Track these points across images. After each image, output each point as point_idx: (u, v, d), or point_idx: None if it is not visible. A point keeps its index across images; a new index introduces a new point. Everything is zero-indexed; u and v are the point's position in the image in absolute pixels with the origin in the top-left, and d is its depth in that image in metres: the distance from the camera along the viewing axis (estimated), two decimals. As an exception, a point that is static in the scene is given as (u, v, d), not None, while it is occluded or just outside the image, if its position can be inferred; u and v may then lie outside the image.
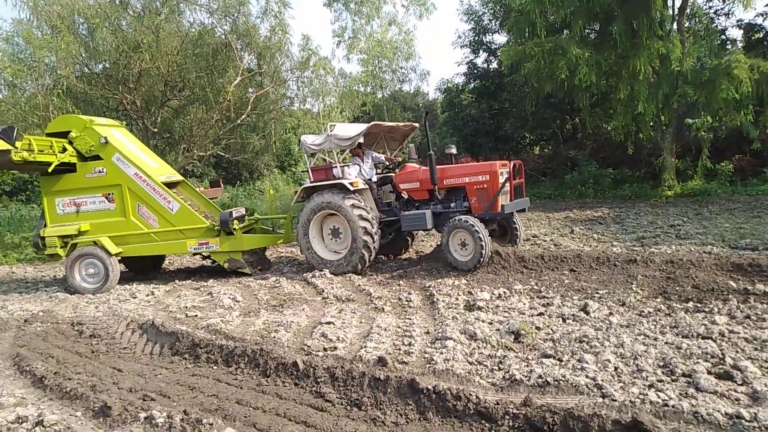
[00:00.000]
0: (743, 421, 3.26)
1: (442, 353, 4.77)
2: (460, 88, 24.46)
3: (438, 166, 8.58)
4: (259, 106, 19.65)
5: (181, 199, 9.74)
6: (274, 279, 8.74)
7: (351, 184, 8.53)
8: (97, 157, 9.54)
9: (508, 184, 8.31)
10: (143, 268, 10.93)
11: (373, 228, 8.42)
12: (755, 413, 3.31)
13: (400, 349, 5.09)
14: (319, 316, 6.45)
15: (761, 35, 17.02)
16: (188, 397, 4.48)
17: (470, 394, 3.85)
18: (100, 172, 9.56)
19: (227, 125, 18.70)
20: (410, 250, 10.42)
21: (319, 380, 4.51)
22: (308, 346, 5.29)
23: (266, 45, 18.45)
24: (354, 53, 28.66)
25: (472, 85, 23.74)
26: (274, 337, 5.65)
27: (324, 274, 8.74)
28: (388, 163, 10.09)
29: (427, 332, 5.55)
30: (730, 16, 17.61)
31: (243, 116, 18.61)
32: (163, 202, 9.49)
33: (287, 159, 35.74)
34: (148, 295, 8.56)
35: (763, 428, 3.17)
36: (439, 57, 63.98)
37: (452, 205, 8.69)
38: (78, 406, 4.43)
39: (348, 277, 8.51)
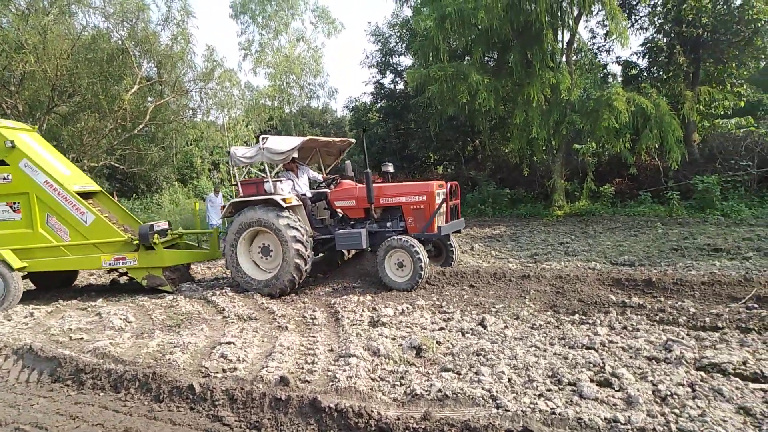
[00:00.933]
0: (619, 424, 3.53)
1: (345, 370, 4.76)
2: (368, 107, 24.89)
3: (375, 185, 8.41)
4: (159, 116, 18.79)
5: (97, 210, 9.02)
6: (171, 298, 8.31)
7: (284, 200, 8.14)
8: (2, 163, 8.66)
9: (444, 205, 8.25)
10: (52, 285, 9.94)
11: (306, 251, 8.03)
12: (629, 416, 3.60)
13: (303, 368, 5.01)
14: (218, 336, 6.21)
15: (636, 72, 18.88)
16: (69, 428, 4.13)
17: (372, 411, 3.87)
18: (4, 179, 8.67)
19: (123, 135, 17.69)
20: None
21: (216, 403, 4.33)
22: (206, 368, 5.07)
23: (167, 53, 17.76)
24: (261, 67, 28.31)
25: (380, 104, 24.25)
26: (169, 359, 5.35)
27: (225, 292, 8.44)
28: (322, 182, 9.73)
29: (331, 350, 5.51)
30: (611, 52, 19.46)
31: (140, 126, 17.69)
32: (75, 213, 8.73)
33: (189, 172, 34.33)
34: (26, 317, 7.79)
35: (636, 430, 3.46)
36: (347, 75, 64.65)
37: (388, 224, 8.52)
38: (-66, 445, 3.93)
39: (251, 294, 8.27)
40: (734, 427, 3.41)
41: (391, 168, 8.96)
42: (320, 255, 9.08)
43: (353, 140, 10.05)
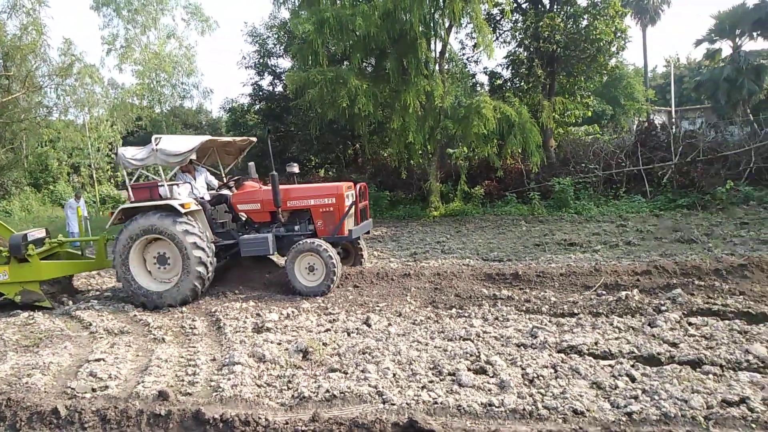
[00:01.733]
0: (494, 407, 3.84)
1: (229, 379, 4.64)
2: (246, 108, 24.23)
3: (281, 187, 8.09)
4: (6, 114, 16.82)
5: None
6: (27, 315, 7.48)
7: (182, 205, 7.55)
8: None
9: (354, 207, 8.15)
10: None
11: (208, 257, 7.53)
12: (502, 399, 3.92)
13: (183, 380, 4.80)
14: (86, 353, 5.73)
15: (501, 82, 20.39)
16: None
17: (259, 418, 3.83)
18: None
19: (-41, 134, 15.57)
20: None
21: (86, 425, 4.01)
22: (72, 389, 4.67)
23: (15, 45, 15.95)
24: (127, 63, 26.39)
25: (258, 106, 23.72)
26: (27, 382, 4.85)
27: (91, 305, 7.79)
28: (221, 185, 9.18)
29: (214, 359, 5.33)
30: (479, 63, 20.82)
31: (-18, 124, 15.70)
32: None
33: (43, 176, 31.11)
34: None
35: (508, 411, 3.77)
36: (223, 76, 62.38)
37: (296, 228, 8.27)
38: None
39: (121, 306, 7.72)
40: (589, 400, 3.85)
41: (296, 169, 8.59)
42: (222, 262, 8.56)
43: (254, 139, 9.56)
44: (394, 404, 4.00)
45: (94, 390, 4.67)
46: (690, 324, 5.33)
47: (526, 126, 15.43)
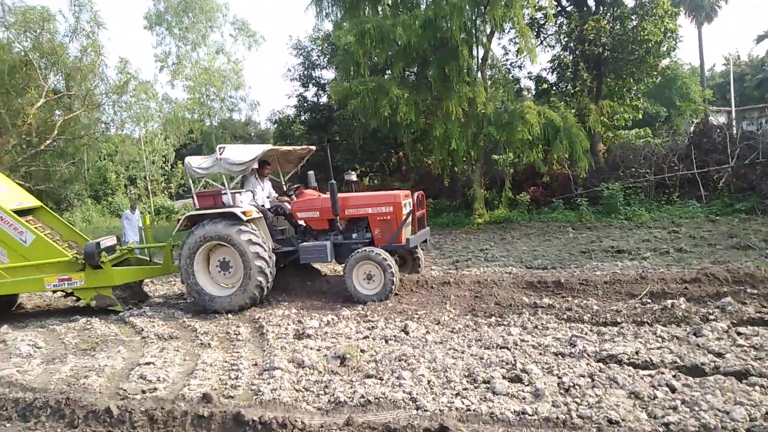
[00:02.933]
0: (527, 416, 3.82)
1: (269, 383, 4.79)
2: (291, 119, 24.80)
3: (340, 195, 8.13)
4: (68, 131, 17.86)
5: (38, 228, 8.41)
6: (85, 320, 7.93)
7: (243, 213, 7.75)
8: None
9: (411, 216, 8.12)
10: None
11: (269, 267, 7.73)
12: (536, 408, 3.89)
13: (226, 384, 4.98)
14: (137, 357, 6.03)
15: (546, 86, 20.08)
16: (-28, 463, 3.89)
17: (296, 421, 3.94)
18: None
19: (28, 150, 16.64)
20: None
21: (135, 425, 4.24)
22: (124, 390, 4.93)
23: (76, 66, 16.96)
24: (179, 79, 27.51)
25: (303, 117, 24.23)
26: (84, 383, 5.16)
27: (144, 312, 8.18)
28: (278, 196, 9.30)
29: (255, 364, 5.51)
30: (522, 68, 20.58)
31: (48, 141, 16.73)
32: (13, 232, 8.12)
33: (102, 188, 32.75)
34: None
35: (541, 420, 3.75)
36: (270, 88, 64.05)
37: (354, 236, 8.29)
38: None
39: (171, 313, 8.07)
40: (625, 410, 3.77)
41: (354, 177, 8.67)
42: (281, 266, 8.70)
43: (313, 147, 9.72)
44: (427, 410, 4.04)
45: (143, 391, 4.91)
46: (739, 334, 5.12)
47: (572, 131, 15.14)
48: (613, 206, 15.24)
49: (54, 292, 8.96)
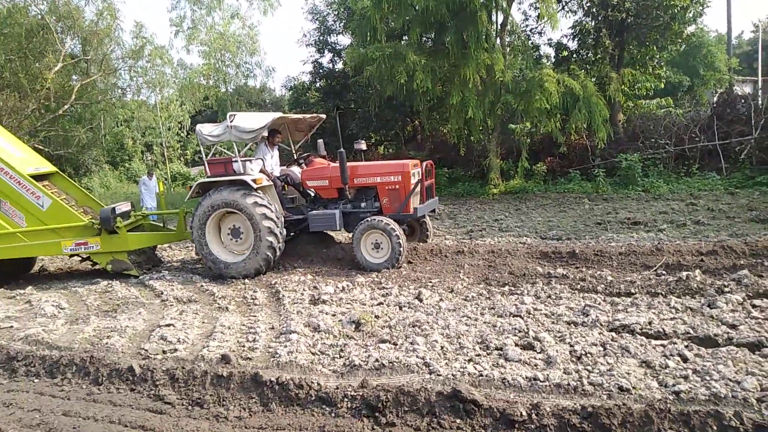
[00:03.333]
0: (538, 381, 3.88)
1: (286, 346, 4.91)
2: (307, 86, 24.61)
3: (349, 164, 8.15)
4: (85, 96, 17.94)
5: (54, 193, 8.58)
6: (106, 283, 8.13)
7: (254, 180, 7.86)
8: None
9: (420, 185, 8.19)
10: (10, 273, 9.28)
11: (278, 228, 7.83)
12: (547, 374, 3.96)
13: (244, 346, 5.12)
14: (157, 319, 6.19)
15: (566, 53, 19.62)
16: (3, 415, 4.08)
17: (312, 382, 4.05)
18: None
19: (47, 116, 16.78)
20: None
21: (157, 383, 4.39)
22: (145, 350, 5.09)
23: (92, 30, 16.92)
24: (194, 44, 27.29)
25: (318, 84, 24.03)
26: (107, 343, 5.33)
27: (163, 276, 8.35)
28: (289, 164, 9.36)
29: (272, 328, 5.64)
30: (542, 34, 20.08)
31: (66, 106, 16.83)
32: (31, 197, 8.30)
33: (119, 154, 33.01)
34: (-53, 309, 7.43)
35: (552, 386, 3.81)
36: (285, 54, 63.34)
37: (362, 205, 8.38)
38: None
39: (190, 277, 8.23)
40: (636, 378, 3.82)
41: (363, 146, 8.70)
42: (292, 235, 8.88)
43: (323, 116, 9.74)
44: (440, 375, 4.13)
45: (164, 352, 5.07)
46: (754, 306, 5.11)
47: (592, 100, 14.84)
48: (630, 177, 15.05)
49: (71, 256, 9.16)
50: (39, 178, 8.81)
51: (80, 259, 9.43)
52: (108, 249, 8.54)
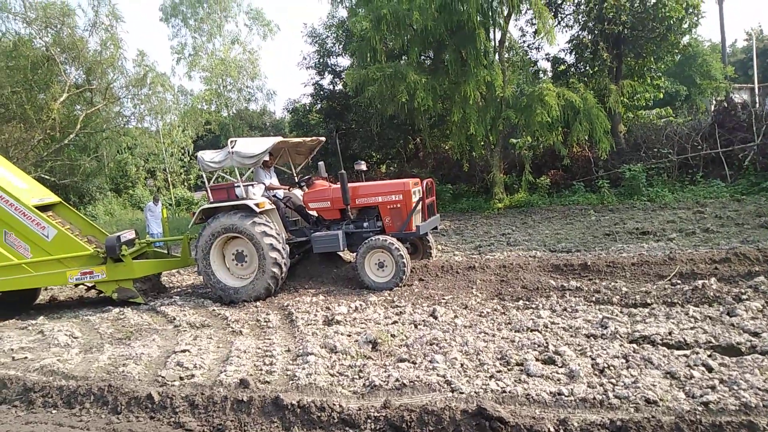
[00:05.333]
0: (563, 396, 3.84)
1: (304, 368, 4.87)
2: (308, 108, 24.80)
3: (350, 185, 8.23)
4: (90, 125, 18.07)
5: (58, 223, 8.59)
6: (118, 310, 8.10)
7: (257, 204, 7.88)
8: None
9: (421, 203, 8.22)
10: (16, 304, 9.26)
11: (283, 258, 7.85)
12: (571, 389, 3.92)
13: (261, 370, 5.08)
14: (172, 345, 6.16)
15: (564, 67, 19.80)
16: (24, 448, 4.04)
17: (333, 404, 4.02)
18: None
19: (52, 146, 16.91)
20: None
21: (177, 410, 4.35)
22: (162, 377, 5.05)
23: (96, 60, 17.12)
24: (196, 71, 27.65)
25: (319, 105, 24.22)
26: (123, 371, 5.29)
27: (174, 301, 8.33)
28: (290, 187, 9.39)
29: (288, 350, 5.60)
30: (540, 49, 20.29)
31: (71, 136, 16.96)
32: (35, 228, 8.30)
33: (123, 181, 33.18)
34: (-41, 341, 7.40)
35: (578, 400, 3.77)
36: (285, 77, 64.00)
37: (365, 224, 8.39)
38: None
39: (201, 302, 8.20)
40: (662, 390, 3.78)
41: (363, 166, 8.75)
42: (295, 258, 8.87)
43: (323, 139, 9.81)
44: (462, 393, 4.08)
45: (181, 378, 5.03)
46: (774, 313, 5.07)
47: (592, 112, 14.92)
48: (635, 188, 15.07)
49: (76, 285, 9.16)
50: (43, 208, 8.84)
51: (86, 288, 9.43)
52: (113, 277, 8.53)
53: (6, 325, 8.15)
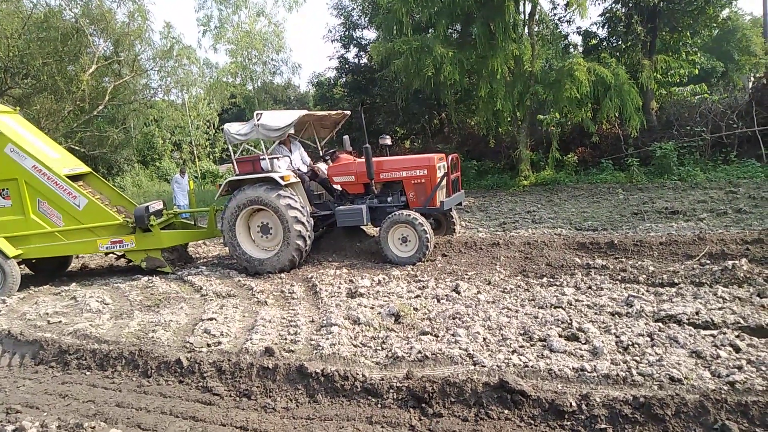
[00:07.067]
0: (586, 372, 3.84)
1: (327, 339, 4.95)
2: (332, 82, 24.67)
3: (374, 159, 8.22)
4: (118, 97, 18.30)
5: (89, 193, 8.82)
6: (147, 279, 8.32)
7: (282, 177, 7.96)
8: None
9: (446, 179, 8.17)
10: (48, 270, 9.68)
11: (307, 231, 7.92)
12: (594, 365, 3.91)
13: (286, 339, 5.18)
14: (199, 313, 6.31)
15: (596, 42, 19.26)
16: (60, 406, 4.22)
17: (356, 374, 4.08)
18: None
19: (82, 117, 17.18)
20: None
21: (205, 375, 4.48)
22: (191, 343, 5.19)
23: (124, 31, 17.25)
24: (221, 43, 27.65)
25: (344, 79, 24.07)
26: (153, 337, 5.45)
27: (201, 271, 8.50)
28: (315, 161, 9.41)
29: (312, 321, 5.69)
30: (571, 23, 19.73)
31: (100, 107, 17.21)
32: (67, 197, 8.53)
33: (149, 153, 33.64)
34: (-2, 305, 7.70)
35: (600, 376, 3.76)
36: (310, 50, 63.62)
37: (389, 199, 8.40)
38: (-74, 428, 3.97)
39: (227, 272, 8.35)
40: (687, 368, 3.74)
41: (389, 141, 8.73)
42: (319, 231, 8.94)
43: (348, 112, 9.78)
44: (484, 366, 4.11)
45: (209, 345, 5.16)
46: (806, 295, 4.95)
47: (624, 88, 14.54)
48: (665, 166, 14.73)
49: (106, 254, 9.40)
50: (74, 178, 9.04)
51: (116, 256, 9.67)
52: (142, 247, 8.75)
53: (41, 290, 8.44)
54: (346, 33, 23.04)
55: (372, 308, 5.85)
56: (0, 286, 8.31)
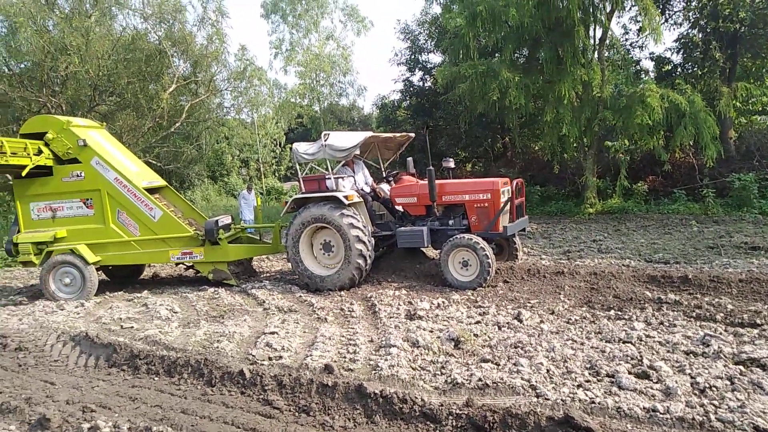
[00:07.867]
0: (658, 413, 3.64)
1: (386, 360, 4.94)
2: (396, 104, 24.97)
3: (437, 181, 8.24)
4: (194, 115, 19.25)
5: (164, 205, 9.35)
6: (213, 290, 8.62)
7: (346, 197, 8.09)
8: (74, 161, 9.03)
9: (509, 204, 8.10)
10: (122, 277, 10.33)
11: (368, 251, 8.05)
12: (668, 406, 3.70)
13: (345, 357, 5.21)
14: (261, 326, 6.46)
15: (669, 68, 18.59)
16: (130, 408, 4.40)
17: (415, 397, 4.05)
18: (78, 176, 9.03)
19: (160, 133, 18.18)
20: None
21: (266, 388, 4.56)
22: (253, 356, 5.31)
23: (202, 53, 18.20)
24: (291, 65, 28.66)
25: (408, 102, 24.32)
26: (217, 347, 5.62)
27: (264, 285, 8.72)
28: (379, 182, 9.56)
29: (371, 340, 5.70)
30: (644, 48, 19.17)
31: (176, 124, 18.16)
32: (144, 208, 9.08)
33: (219, 169, 35.03)
34: (77, 307, 8.17)
35: (674, 419, 3.55)
36: (376, 73, 64.85)
37: (450, 222, 8.40)
38: (12, 419, 4.24)
39: (289, 288, 8.52)
40: (774, 418, 3.48)
41: (452, 164, 8.77)
42: (380, 251, 9.04)
43: (412, 134, 9.89)
44: (548, 399, 3.98)
45: (270, 358, 5.27)
46: None
47: (700, 115, 13.90)
48: (745, 198, 13.92)
49: (177, 264, 9.82)
50: (151, 191, 9.55)
51: (185, 267, 10.09)
52: (210, 259, 9.10)
53: (115, 296, 8.92)
54: (412, 56, 23.35)
55: (431, 332, 5.80)
56: (79, 290, 8.84)
